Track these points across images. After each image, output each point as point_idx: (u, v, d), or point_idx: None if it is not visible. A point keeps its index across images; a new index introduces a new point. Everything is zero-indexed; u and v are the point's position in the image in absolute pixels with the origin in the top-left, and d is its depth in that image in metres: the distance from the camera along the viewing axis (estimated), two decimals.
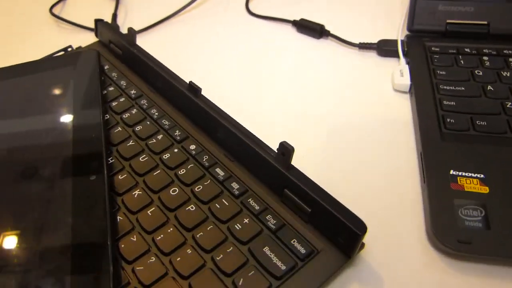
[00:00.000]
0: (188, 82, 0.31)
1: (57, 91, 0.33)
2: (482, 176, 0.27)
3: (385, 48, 0.38)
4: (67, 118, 0.31)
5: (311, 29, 0.41)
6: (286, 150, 0.25)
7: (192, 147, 0.30)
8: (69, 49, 0.40)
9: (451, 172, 0.27)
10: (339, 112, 0.33)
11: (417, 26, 0.38)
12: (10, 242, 0.23)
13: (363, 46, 0.39)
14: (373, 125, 0.32)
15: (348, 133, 0.32)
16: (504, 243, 0.23)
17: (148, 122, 0.32)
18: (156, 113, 0.32)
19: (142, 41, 0.42)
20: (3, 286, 0.21)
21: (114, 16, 0.44)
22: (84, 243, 0.23)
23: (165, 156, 0.29)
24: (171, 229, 0.25)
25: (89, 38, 0.43)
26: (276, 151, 0.26)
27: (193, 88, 0.31)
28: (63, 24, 0.46)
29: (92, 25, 0.43)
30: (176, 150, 0.30)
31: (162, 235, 0.25)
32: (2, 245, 0.23)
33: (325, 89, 0.35)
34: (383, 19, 0.42)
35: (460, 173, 0.27)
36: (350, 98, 0.34)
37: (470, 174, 0.27)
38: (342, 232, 0.23)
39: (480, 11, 0.37)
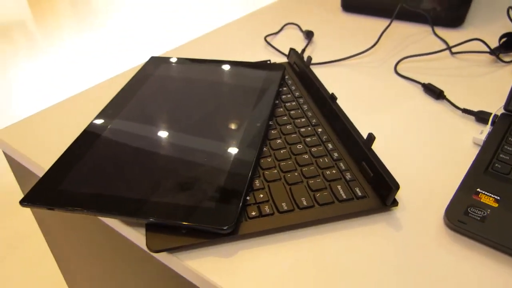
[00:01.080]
0: (330, 93, 0.50)
1: (252, 82, 0.55)
2: (498, 197, 0.39)
3: (481, 116, 0.51)
4: (253, 98, 0.52)
5: (433, 91, 0.56)
6: (370, 137, 0.41)
7: (320, 130, 0.48)
8: (268, 61, 0.62)
9: (478, 189, 0.40)
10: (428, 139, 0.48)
11: (510, 108, 0.50)
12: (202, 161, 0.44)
13: (465, 111, 0.52)
14: (445, 152, 0.46)
15: (424, 148, 0.46)
16: (486, 231, 0.36)
17: (299, 111, 0.51)
18: (306, 107, 0.51)
19: (314, 68, 0.62)
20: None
21: (303, 50, 0.66)
22: (244, 150, 0.43)
23: (302, 130, 0.48)
24: (290, 162, 0.43)
25: (284, 60, 0.65)
26: (365, 138, 0.42)
27: (333, 97, 0.49)
28: (270, 48, 0.69)
29: (285, 52, 0.65)
30: (309, 129, 0.48)
31: (283, 163, 0.43)
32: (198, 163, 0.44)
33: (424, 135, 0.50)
34: (489, 94, 0.55)
35: (483, 191, 0.39)
36: (437, 137, 0.49)
37: (490, 194, 0.39)
38: (385, 187, 0.38)
39: None
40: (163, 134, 0.46)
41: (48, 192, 0.39)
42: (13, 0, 3.91)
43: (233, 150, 0.43)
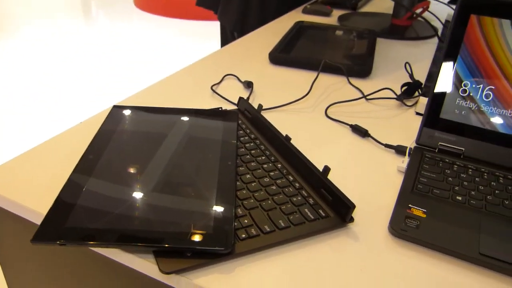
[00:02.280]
0: (284, 135, 0.60)
1: (213, 127, 0.63)
2: (425, 210, 0.51)
3: (399, 149, 0.64)
4: (218, 141, 0.60)
5: (360, 131, 0.68)
6: (326, 169, 0.52)
7: (279, 165, 0.57)
8: (220, 108, 0.71)
9: (409, 205, 0.52)
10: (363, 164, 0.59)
11: (421, 142, 0.64)
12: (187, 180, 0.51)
13: (387, 146, 0.65)
14: (378, 178, 0.57)
15: (360, 176, 0.57)
16: (421, 235, 0.47)
17: (258, 150, 0.60)
18: (263, 147, 0.61)
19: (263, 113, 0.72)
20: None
21: (248, 98, 0.76)
22: (224, 188, 0.50)
23: (265, 166, 0.57)
24: (262, 192, 0.52)
25: (230, 107, 0.74)
26: (320, 170, 0.52)
27: (287, 138, 0.59)
28: (216, 96, 0.78)
29: (233, 100, 0.74)
30: (270, 165, 0.57)
31: (257, 193, 0.51)
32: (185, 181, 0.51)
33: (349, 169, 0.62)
34: (402, 131, 0.69)
35: (413, 206, 0.51)
36: (369, 167, 0.60)
37: (419, 208, 0.51)
38: (343, 207, 0.48)
39: (459, 141, 0.62)
40: (147, 174, 0.52)
41: (57, 230, 0.43)
42: None
43: (214, 183, 0.50)
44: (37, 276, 0.57)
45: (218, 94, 0.78)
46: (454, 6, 1.43)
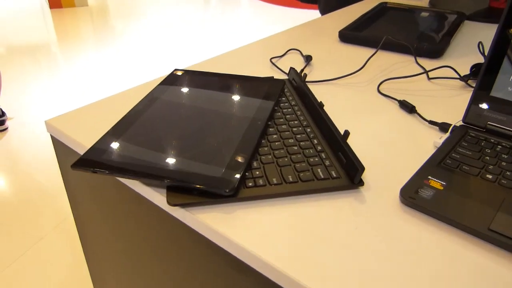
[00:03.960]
0: (319, 101, 0.61)
1: (257, 92, 0.67)
2: (444, 183, 0.49)
3: (444, 127, 0.62)
4: (256, 104, 0.63)
5: (407, 106, 0.67)
6: (346, 133, 0.52)
7: (308, 129, 0.59)
8: (272, 77, 0.74)
9: (429, 176, 0.50)
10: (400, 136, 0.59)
11: (468, 120, 0.61)
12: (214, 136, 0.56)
13: (432, 122, 0.63)
14: (410, 152, 0.56)
15: (392, 147, 0.57)
16: (430, 205, 0.46)
17: (294, 115, 0.62)
18: (299, 113, 0.63)
19: (310, 85, 0.74)
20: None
21: (302, 69, 0.78)
22: (246, 139, 0.54)
23: (295, 129, 0.59)
24: (282, 151, 0.54)
25: (285, 77, 0.77)
26: (342, 133, 0.53)
27: (320, 104, 0.60)
28: (274, 68, 0.81)
29: (287, 71, 0.77)
30: (300, 128, 0.59)
31: (277, 151, 0.54)
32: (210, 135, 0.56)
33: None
34: (454, 111, 0.66)
35: (433, 178, 0.50)
36: (405, 140, 0.59)
37: (438, 180, 0.50)
38: (353, 169, 0.49)
39: (510, 121, 0.58)
40: (182, 125, 0.57)
41: (93, 161, 0.50)
42: (42, 24, 4.14)
43: (238, 137, 0.54)
44: (90, 201, 0.66)
45: (276, 66, 0.81)
46: None
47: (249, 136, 0.55)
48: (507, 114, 0.59)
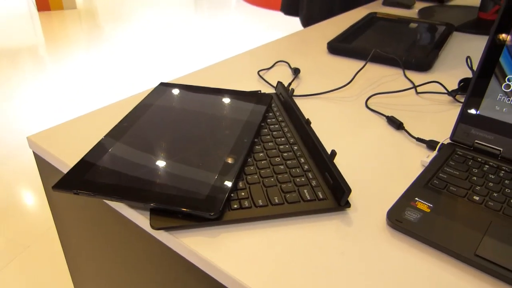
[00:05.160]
0: (306, 118, 0.60)
1: (243, 107, 0.66)
2: (431, 205, 0.49)
3: (431, 144, 0.61)
4: (242, 120, 0.63)
5: (394, 122, 0.66)
6: (333, 152, 0.52)
7: (295, 147, 0.58)
8: (259, 91, 0.73)
9: (416, 198, 0.50)
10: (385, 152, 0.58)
11: (455, 138, 0.61)
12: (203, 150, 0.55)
13: (419, 139, 0.63)
14: (397, 171, 0.56)
15: (379, 166, 0.56)
16: (417, 229, 0.45)
17: (281, 132, 0.62)
18: (286, 130, 0.62)
19: (298, 99, 0.73)
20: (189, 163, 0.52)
21: (290, 83, 0.77)
22: (232, 159, 0.53)
23: (281, 147, 0.58)
24: (268, 170, 0.53)
25: (272, 91, 0.76)
26: (329, 153, 0.53)
27: (307, 121, 0.60)
28: (261, 81, 0.80)
29: (274, 84, 0.76)
30: (287, 146, 0.58)
31: (263, 171, 0.53)
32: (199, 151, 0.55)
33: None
34: (442, 127, 0.65)
35: (420, 200, 0.49)
36: (392, 158, 0.59)
37: (425, 202, 0.49)
38: (340, 191, 0.48)
39: (497, 140, 0.58)
40: (167, 144, 0.56)
41: (75, 182, 0.49)
42: (30, 27, 4.09)
43: (223, 157, 0.53)
44: (74, 220, 0.65)
45: (263, 79, 0.80)
46: None
47: (235, 155, 0.54)
48: (495, 133, 0.59)
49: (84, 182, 0.49)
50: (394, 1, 1.29)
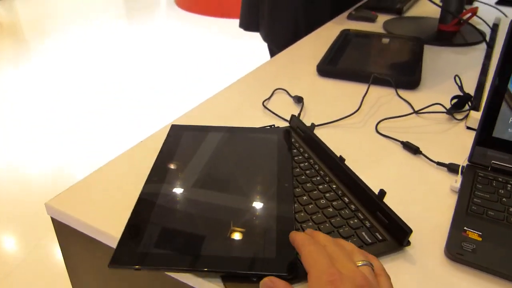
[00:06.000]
0: (338, 155, 0.62)
1: (268, 147, 0.66)
2: (480, 233, 0.52)
3: (452, 168, 0.65)
4: (273, 162, 0.63)
5: (411, 148, 0.70)
6: (382, 192, 0.54)
7: (334, 186, 0.59)
8: (273, 125, 0.73)
9: (464, 227, 0.53)
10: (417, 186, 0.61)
11: (474, 160, 0.65)
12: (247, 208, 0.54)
13: (439, 164, 0.66)
14: (432, 199, 0.59)
15: (412, 196, 0.59)
16: (478, 260, 0.48)
17: (313, 170, 0.62)
18: (317, 167, 0.63)
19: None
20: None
21: (299, 114, 0.78)
22: (283, 209, 0.53)
23: (320, 187, 0.59)
24: (319, 215, 0.54)
25: (282, 123, 0.76)
26: (377, 193, 0.54)
27: (341, 159, 0.61)
28: (267, 112, 0.80)
29: (283, 115, 0.77)
30: (325, 185, 0.59)
31: (314, 216, 0.54)
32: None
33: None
34: (453, 147, 0.69)
35: (469, 229, 0.53)
36: (421, 186, 0.62)
37: (474, 231, 0.52)
38: (400, 232, 0.50)
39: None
40: (212, 198, 0.55)
41: (132, 254, 0.47)
42: None
43: (274, 210, 0.53)
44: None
45: (270, 111, 0.80)
46: (501, 8, 1.40)
47: (284, 204, 0.54)
48: (509, 153, 0.63)
49: (143, 254, 0.47)
50: (358, 16, 1.34)
